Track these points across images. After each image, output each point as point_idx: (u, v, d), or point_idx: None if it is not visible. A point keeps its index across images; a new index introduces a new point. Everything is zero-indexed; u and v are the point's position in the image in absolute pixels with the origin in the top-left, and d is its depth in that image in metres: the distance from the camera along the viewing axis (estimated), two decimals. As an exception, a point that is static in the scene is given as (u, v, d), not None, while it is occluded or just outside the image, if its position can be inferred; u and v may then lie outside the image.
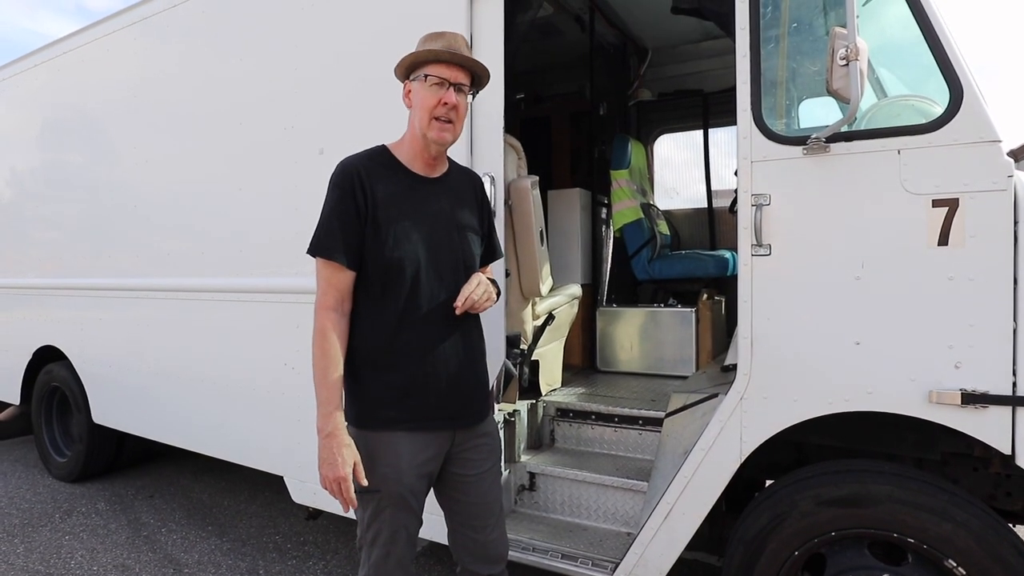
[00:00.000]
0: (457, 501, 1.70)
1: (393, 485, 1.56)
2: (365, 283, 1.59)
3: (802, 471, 1.90)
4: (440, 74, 1.57)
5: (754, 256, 1.86)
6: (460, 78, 1.60)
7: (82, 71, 3.83)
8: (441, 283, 1.60)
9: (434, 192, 1.66)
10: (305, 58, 2.73)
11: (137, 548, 3.24)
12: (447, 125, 1.59)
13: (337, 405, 1.53)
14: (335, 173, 1.61)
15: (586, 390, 3.12)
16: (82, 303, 3.89)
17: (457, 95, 1.59)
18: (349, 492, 1.50)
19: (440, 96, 1.57)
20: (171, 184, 3.33)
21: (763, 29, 1.90)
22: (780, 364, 1.84)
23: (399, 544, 1.59)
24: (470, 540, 1.71)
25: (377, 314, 1.59)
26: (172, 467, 4.54)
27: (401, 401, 1.58)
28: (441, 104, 1.57)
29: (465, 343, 1.66)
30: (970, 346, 1.62)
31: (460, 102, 1.60)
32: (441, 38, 1.61)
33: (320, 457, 1.52)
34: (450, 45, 1.59)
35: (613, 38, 4.04)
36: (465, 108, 1.63)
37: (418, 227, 1.59)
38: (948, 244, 1.64)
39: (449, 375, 1.62)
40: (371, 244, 1.56)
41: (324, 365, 1.53)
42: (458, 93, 1.59)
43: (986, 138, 1.62)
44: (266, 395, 2.92)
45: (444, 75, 1.57)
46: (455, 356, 1.63)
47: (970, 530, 1.62)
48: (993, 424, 1.60)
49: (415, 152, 1.65)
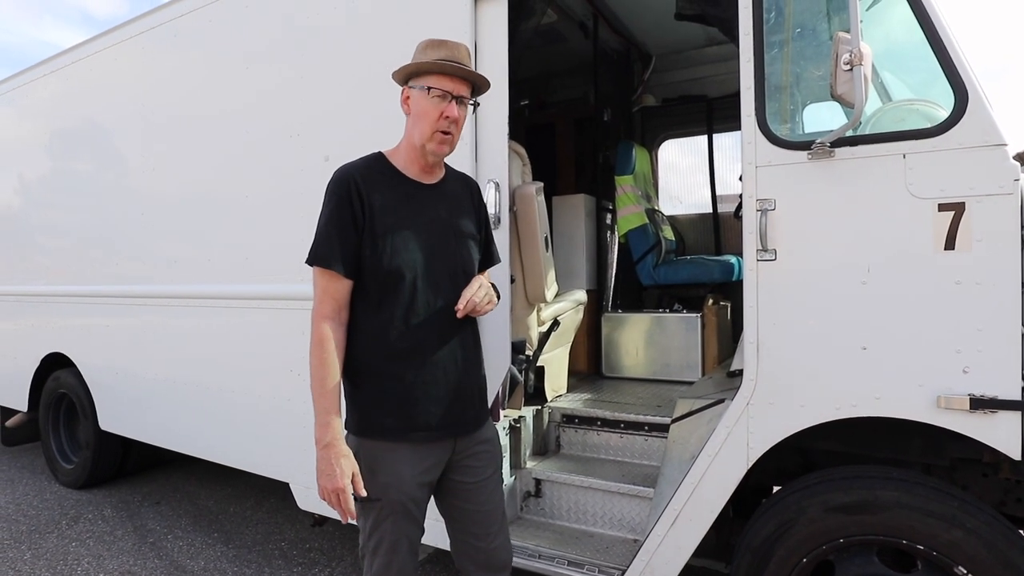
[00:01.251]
0: (459, 509, 1.69)
1: (394, 494, 1.56)
2: (363, 291, 1.59)
3: (809, 477, 1.89)
4: (443, 87, 1.57)
5: (759, 261, 1.86)
6: (462, 90, 1.59)
7: (91, 80, 3.87)
8: (439, 291, 1.60)
9: (431, 199, 1.65)
10: (311, 66, 2.75)
11: (143, 555, 3.24)
12: (446, 137, 1.60)
13: (335, 414, 1.53)
14: (332, 181, 1.61)
15: (592, 396, 3.11)
16: (89, 310, 3.92)
17: (459, 108, 1.58)
18: (348, 503, 1.50)
19: (442, 109, 1.56)
20: (177, 191, 3.35)
21: (767, 34, 1.90)
22: (787, 370, 1.83)
23: (401, 553, 1.59)
24: (472, 548, 1.70)
25: (375, 322, 1.59)
26: (178, 474, 4.55)
27: (401, 409, 1.58)
28: (443, 118, 1.57)
29: (463, 350, 1.66)
30: (978, 351, 1.61)
31: (461, 115, 1.60)
32: (443, 47, 1.59)
33: (318, 468, 1.52)
34: (452, 55, 1.58)
35: (617, 44, 4.05)
36: (464, 120, 1.63)
37: (416, 235, 1.59)
38: (955, 248, 1.63)
39: (448, 382, 1.62)
40: (368, 253, 1.56)
41: (322, 375, 1.53)
42: (459, 105, 1.59)
43: (992, 142, 1.61)
44: (272, 401, 2.93)
45: (447, 88, 1.57)
46: (453, 363, 1.63)
47: (980, 537, 1.61)
48: (1002, 429, 1.59)
49: (411, 159, 1.65)
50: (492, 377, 2.27)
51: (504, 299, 2.26)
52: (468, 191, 1.78)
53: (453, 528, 1.73)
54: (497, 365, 2.26)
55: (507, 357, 2.27)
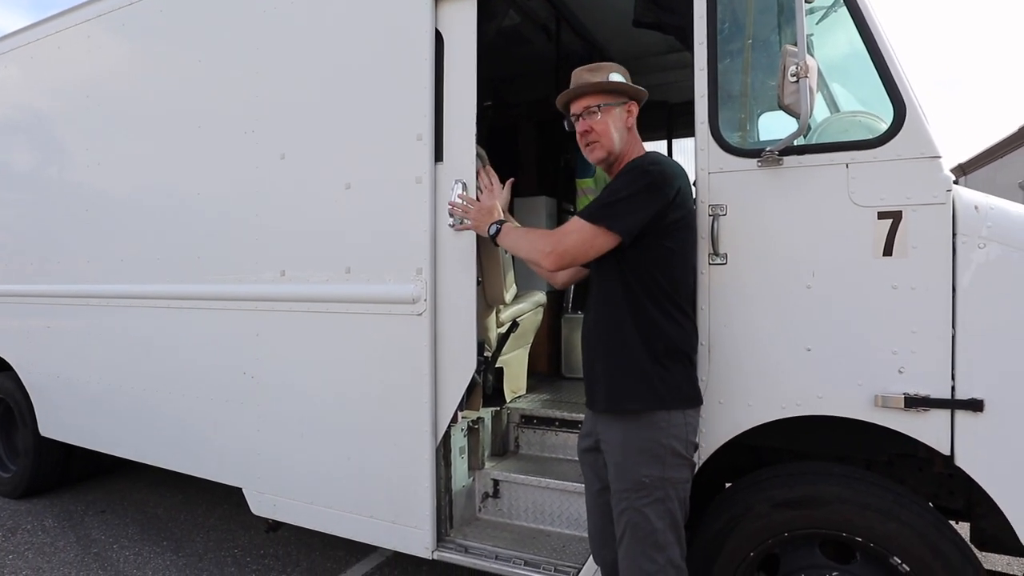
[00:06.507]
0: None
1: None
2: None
3: (757, 474, 1.95)
4: (573, 111, 1.87)
5: (711, 265, 1.91)
6: (583, 104, 1.83)
7: (32, 68, 3.69)
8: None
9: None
10: (267, 61, 2.69)
11: (87, 566, 3.11)
12: (590, 147, 1.85)
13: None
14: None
15: (551, 397, 3.14)
16: (29, 311, 3.74)
17: (588, 120, 1.82)
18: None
19: (578, 129, 1.86)
20: (125, 187, 3.23)
21: (720, 43, 1.95)
22: (735, 370, 1.89)
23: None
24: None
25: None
26: (125, 481, 4.38)
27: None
28: (581, 136, 1.85)
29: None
30: (913, 352, 1.70)
31: (593, 125, 1.81)
32: (573, 77, 1.88)
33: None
34: (574, 81, 1.87)
35: (579, 47, 4.09)
36: (604, 124, 1.82)
37: None
38: (892, 254, 1.71)
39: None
40: None
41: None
42: (588, 118, 1.82)
43: (927, 154, 1.70)
44: (224, 405, 2.85)
45: (574, 111, 1.86)
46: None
47: (913, 528, 1.69)
48: (934, 426, 1.68)
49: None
50: (458, 378, 2.28)
51: (471, 300, 2.27)
52: (616, 176, 1.84)
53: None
54: (456, 366, 2.27)
55: (473, 357, 2.27)
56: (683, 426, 1.71)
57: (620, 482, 1.72)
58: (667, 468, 1.68)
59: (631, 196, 1.68)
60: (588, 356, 1.86)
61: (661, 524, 1.67)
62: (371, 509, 2.45)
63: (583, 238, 1.72)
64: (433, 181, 2.29)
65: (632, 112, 1.86)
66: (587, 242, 1.72)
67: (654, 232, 1.70)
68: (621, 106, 1.83)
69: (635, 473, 1.68)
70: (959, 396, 1.65)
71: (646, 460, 1.68)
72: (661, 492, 1.67)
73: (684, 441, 1.71)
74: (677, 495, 1.70)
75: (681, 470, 1.71)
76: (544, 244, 1.80)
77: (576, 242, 1.73)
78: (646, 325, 1.71)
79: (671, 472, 1.69)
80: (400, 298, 2.32)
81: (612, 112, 1.82)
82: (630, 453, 1.70)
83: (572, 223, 1.77)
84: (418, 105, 2.29)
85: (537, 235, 1.90)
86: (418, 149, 2.29)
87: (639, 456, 1.68)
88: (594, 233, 1.70)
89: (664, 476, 1.68)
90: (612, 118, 1.81)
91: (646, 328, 1.71)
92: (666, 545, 1.68)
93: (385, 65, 2.37)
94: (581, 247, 1.73)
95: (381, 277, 2.39)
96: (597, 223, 1.70)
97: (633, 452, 1.69)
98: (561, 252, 1.75)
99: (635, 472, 1.68)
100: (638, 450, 1.69)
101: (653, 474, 1.67)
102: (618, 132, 1.82)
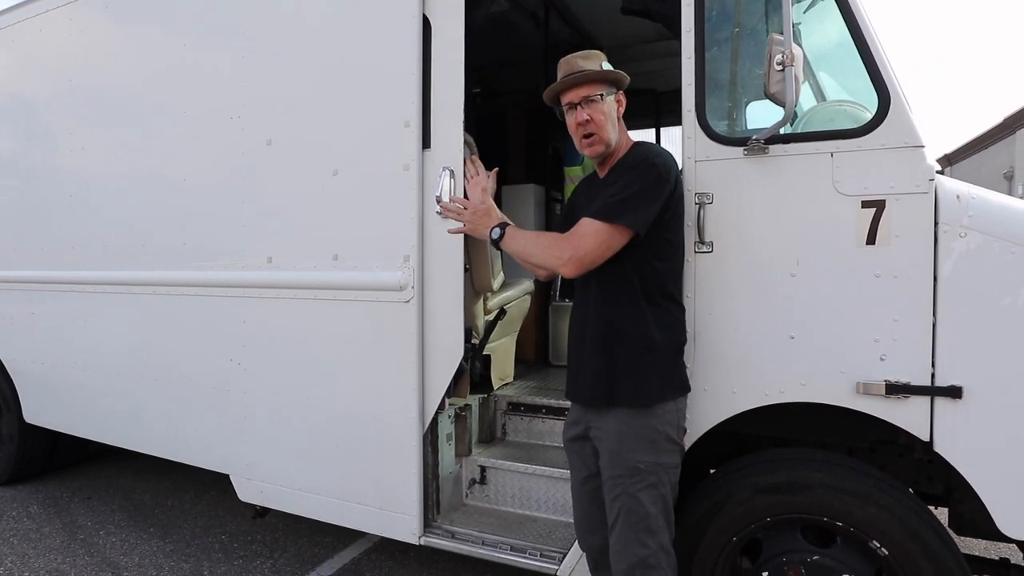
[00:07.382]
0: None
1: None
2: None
3: (739, 461, 1.98)
4: (566, 100, 1.79)
5: (697, 253, 1.92)
6: (582, 93, 1.75)
7: (14, 52, 3.62)
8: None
9: (595, 191, 1.83)
10: (252, 46, 2.65)
11: (73, 552, 3.11)
12: (588, 139, 1.78)
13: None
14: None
15: (538, 384, 3.15)
16: (13, 296, 3.69)
17: (586, 109, 1.75)
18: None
19: (573, 119, 1.78)
20: (110, 173, 3.19)
21: (708, 32, 1.95)
22: (720, 358, 1.90)
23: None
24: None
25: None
26: (112, 467, 4.36)
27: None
28: (577, 126, 1.77)
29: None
30: (894, 340, 1.72)
31: (592, 114, 1.74)
32: (562, 65, 1.81)
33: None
34: (568, 70, 1.78)
35: (568, 35, 4.07)
36: (602, 113, 1.75)
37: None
38: (875, 243, 1.73)
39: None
40: None
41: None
42: (586, 107, 1.75)
43: (910, 143, 1.71)
44: (211, 392, 2.84)
45: (568, 100, 1.78)
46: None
47: (892, 513, 1.72)
48: (914, 413, 1.71)
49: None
50: (445, 365, 2.28)
51: (458, 287, 2.27)
52: (617, 170, 1.81)
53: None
54: (443, 353, 2.27)
55: (460, 344, 2.27)
56: (675, 412, 1.73)
57: (614, 468, 1.73)
58: (661, 454, 1.70)
59: (642, 190, 1.66)
60: (582, 349, 1.83)
61: (654, 509, 1.69)
62: (358, 495, 2.46)
63: (602, 239, 1.66)
64: (421, 168, 2.28)
65: (622, 103, 1.84)
66: (606, 243, 1.67)
67: (656, 224, 1.69)
68: (613, 96, 1.81)
69: (630, 459, 1.70)
70: (939, 383, 1.68)
71: (642, 447, 1.69)
72: (654, 477, 1.69)
73: (676, 427, 1.73)
74: (669, 480, 1.73)
75: (673, 455, 1.73)
76: (560, 251, 1.72)
77: (595, 244, 1.67)
78: (646, 317, 1.72)
79: (664, 458, 1.71)
80: (388, 285, 2.32)
81: (608, 102, 1.78)
82: (627, 441, 1.71)
83: (585, 225, 1.69)
84: (405, 91, 2.27)
85: (549, 240, 1.82)
86: (405, 136, 2.28)
87: (636, 443, 1.70)
88: (611, 232, 1.66)
89: (658, 461, 1.70)
90: (608, 108, 1.78)
91: (645, 320, 1.72)
92: (657, 530, 1.70)
93: (372, 50, 2.35)
94: (600, 249, 1.67)
95: (368, 264, 2.38)
96: (614, 221, 1.65)
97: (630, 440, 1.70)
98: (581, 257, 1.68)
99: (630, 458, 1.70)
100: (635, 437, 1.70)
101: (648, 460, 1.69)
102: (612, 124, 1.79)
